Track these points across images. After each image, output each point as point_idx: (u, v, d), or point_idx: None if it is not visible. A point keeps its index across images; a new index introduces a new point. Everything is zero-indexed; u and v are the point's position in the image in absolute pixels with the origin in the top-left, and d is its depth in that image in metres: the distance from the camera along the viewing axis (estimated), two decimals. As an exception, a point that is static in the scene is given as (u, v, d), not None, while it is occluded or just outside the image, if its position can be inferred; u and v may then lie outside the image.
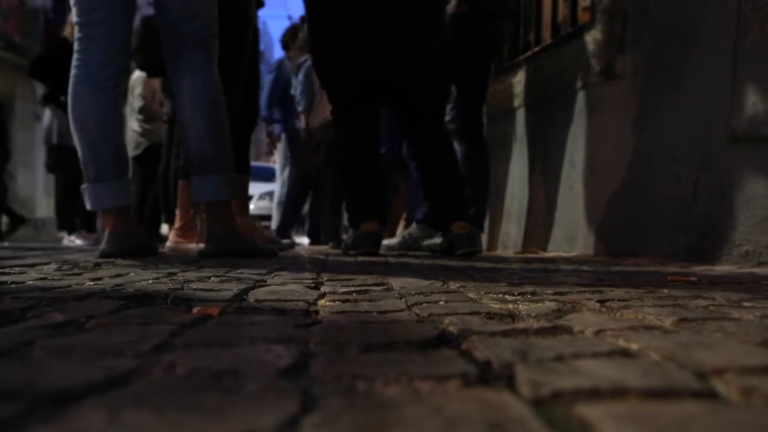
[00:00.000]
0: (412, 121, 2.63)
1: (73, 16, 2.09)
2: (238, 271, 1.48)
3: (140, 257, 2.01)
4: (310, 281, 1.23)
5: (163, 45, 2.17)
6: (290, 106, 5.30)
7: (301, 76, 4.92)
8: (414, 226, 3.10)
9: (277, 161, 5.63)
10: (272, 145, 5.65)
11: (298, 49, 5.02)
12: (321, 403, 0.38)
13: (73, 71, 2.09)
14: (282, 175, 5.54)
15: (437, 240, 2.86)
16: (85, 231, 5.07)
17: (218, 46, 2.21)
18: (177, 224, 2.81)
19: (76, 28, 2.09)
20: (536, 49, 3.38)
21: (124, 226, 2.11)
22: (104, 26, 2.06)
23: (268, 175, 6.05)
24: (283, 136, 5.44)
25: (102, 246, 2.10)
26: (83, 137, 2.08)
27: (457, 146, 3.05)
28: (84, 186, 2.14)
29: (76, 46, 2.09)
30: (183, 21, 2.11)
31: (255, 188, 9.76)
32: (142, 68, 3.67)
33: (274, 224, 5.62)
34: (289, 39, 5.45)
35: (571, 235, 2.90)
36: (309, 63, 4.94)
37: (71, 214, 5.10)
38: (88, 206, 2.17)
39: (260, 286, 1.11)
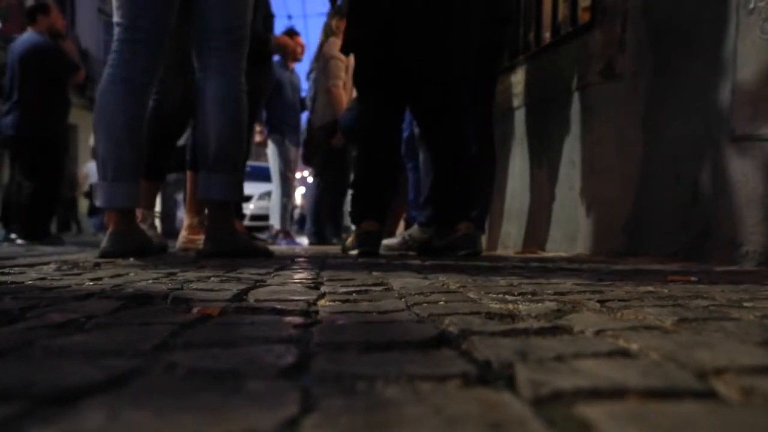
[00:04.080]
0: (434, 118, 2.61)
1: (116, 18, 2.11)
2: (238, 271, 1.48)
3: (140, 257, 2.02)
4: (310, 281, 1.23)
5: (195, 40, 2.18)
6: (278, 108, 5.32)
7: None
8: (416, 227, 3.09)
9: (270, 162, 5.65)
10: (262, 144, 5.68)
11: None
12: (321, 403, 0.38)
13: (109, 69, 2.10)
14: (278, 177, 5.56)
15: (424, 235, 2.84)
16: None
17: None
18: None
19: (117, 30, 2.11)
20: (536, 49, 3.38)
21: (127, 226, 2.12)
22: (149, 32, 2.10)
23: (267, 175, 6.05)
24: (278, 137, 5.46)
25: (102, 245, 2.11)
26: (107, 135, 2.10)
27: None
28: (97, 183, 2.15)
29: (116, 46, 2.11)
30: (222, 17, 2.14)
31: (255, 188, 9.76)
32: None
33: (277, 224, 5.63)
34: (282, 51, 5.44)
35: (571, 235, 2.90)
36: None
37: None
38: (98, 203, 2.18)
39: (260, 286, 1.11)
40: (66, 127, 5.17)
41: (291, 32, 5.66)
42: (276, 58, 5.03)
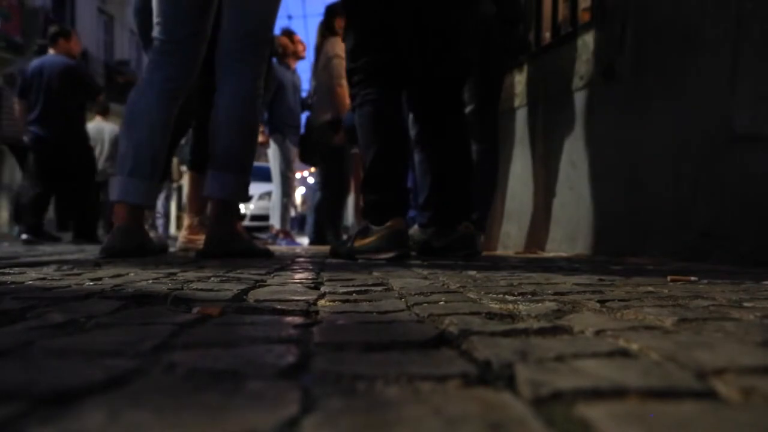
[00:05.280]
0: (435, 112, 2.50)
1: (155, 33, 2.24)
2: (238, 271, 1.48)
3: (141, 256, 2.03)
4: (310, 281, 1.23)
5: (220, 41, 2.24)
6: (280, 108, 5.33)
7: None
8: (416, 228, 3.08)
9: (271, 162, 5.66)
10: (264, 144, 5.70)
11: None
12: (321, 403, 0.38)
13: (144, 75, 2.25)
14: (278, 176, 5.57)
15: (424, 236, 2.82)
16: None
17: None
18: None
19: (157, 43, 2.24)
20: (536, 49, 3.38)
21: (134, 223, 2.17)
22: (187, 45, 2.23)
23: (267, 175, 6.06)
24: (279, 137, 5.46)
25: (106, 242, 2.12)
26: (131, 133, 2.19)
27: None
28: (114, 178, 2.21)
29: (152, 55, 2.25)
30: (246, 21, 2.20)
31: (255, 188, 9.80)
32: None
33: (277, 224, 5.63)
34: (281, 51, 5.45)
35: (572, 235, 2.90)
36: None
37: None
38: (111, 197, 2.22)
39: (260, 286, 1.11)
40: (86, 134, 5.75)
41: (287, 33, 5.68)
42: (273, 59, 5.03)
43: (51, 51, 5.44)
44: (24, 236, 5.22)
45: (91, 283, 1.15)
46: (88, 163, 5.67)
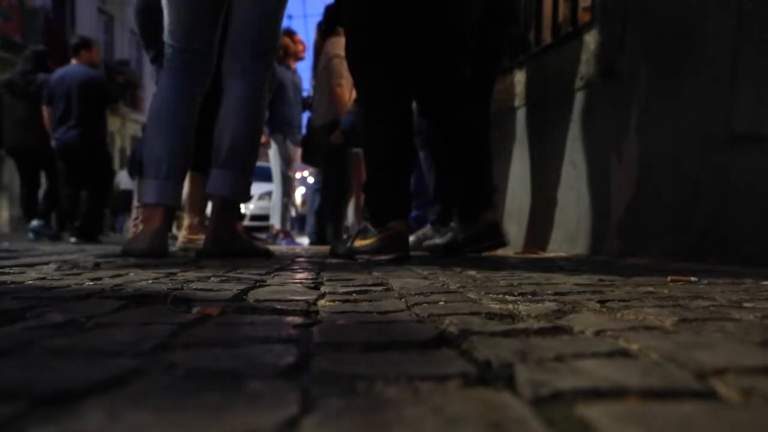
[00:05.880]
0: (447, 103, 2.44)
1: (168, 39, 2.29)
2: (238, 271, 1.48)
3: (162, 257, 2.09)
4: (310, 281, 1.23)
5: (229, 44, 2.30)
6: (281, 108, 5.34)
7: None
8: (428, 227, 3.08)
9: (271, 161, 5.66)
10: (266, 144, 5.70)
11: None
12: (321, 403, 0.38)
13: (165, 81, 2.29)
14: (279, 176, 5.57)
15: (438, 240, 2.83)
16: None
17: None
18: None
19: (170, 50, 2.29)
20: (536, 49, 3.38)
21: (167, 225, 2.23)
22: (201, 53, 2.30)
23: (267, 175, 6.06)
24: (279, 137, 5.47)
25: (143, 245, 2.12)
26: (161, 138, 2.24)
27: None
28: (148, 181, 2.24)
29: (169, 63, 2.30)
30: (253, 28, 2.27)
31: (255, 188, 9.81)
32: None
33: (277, 224, 5.63)
34: (281, 52, 5.46)
35: (572, 235, 2.90)
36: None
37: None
38: (148, 200, 2.23)
39: (260, 286, 1.11)
40: (106, 140, 5.98)
41: (288, 33, 5.68)
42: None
43: (74, 61, 5.68)
44: (73, 239, 5.43)
45: (91, 283, 1.15)
46: (107, 169, 5.89)
